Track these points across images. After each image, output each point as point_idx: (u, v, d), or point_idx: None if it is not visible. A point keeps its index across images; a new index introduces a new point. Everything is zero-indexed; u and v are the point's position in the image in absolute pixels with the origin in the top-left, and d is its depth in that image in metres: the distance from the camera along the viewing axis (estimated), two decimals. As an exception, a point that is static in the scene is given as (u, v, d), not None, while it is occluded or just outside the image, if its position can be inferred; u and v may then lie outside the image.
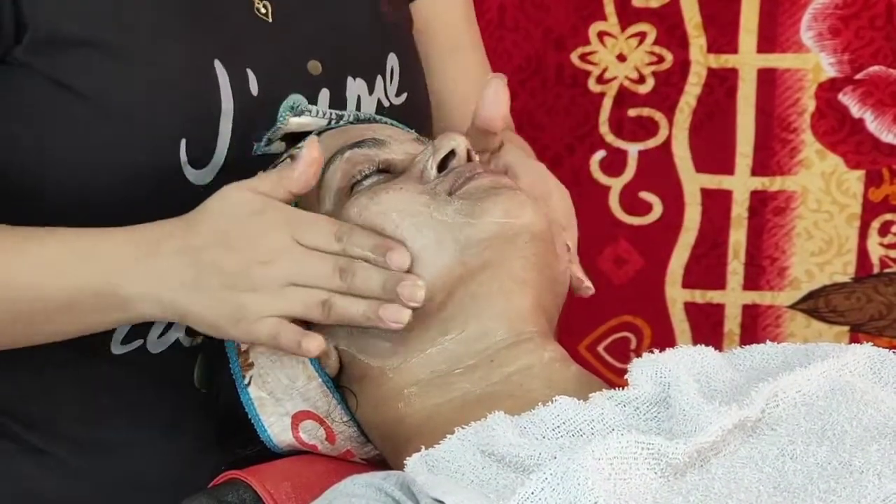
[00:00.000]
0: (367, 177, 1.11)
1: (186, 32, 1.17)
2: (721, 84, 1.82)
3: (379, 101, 1.26)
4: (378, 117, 1.20)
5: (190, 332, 1.23)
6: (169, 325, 1.23)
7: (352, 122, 1.19)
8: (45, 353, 1.23)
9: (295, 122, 1.18)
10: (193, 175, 1.16)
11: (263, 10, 1.21)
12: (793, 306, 1.87)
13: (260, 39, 1.18)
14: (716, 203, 1.85)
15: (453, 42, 1.39)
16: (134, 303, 1.08)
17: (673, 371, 0.97)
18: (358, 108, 1.24)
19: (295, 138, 1.18)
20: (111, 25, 1.14)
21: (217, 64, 1.17)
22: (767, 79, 1.82)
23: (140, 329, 1.23)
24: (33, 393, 1.25)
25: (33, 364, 1.24)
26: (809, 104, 1.82)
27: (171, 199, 1.13)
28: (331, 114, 1.18)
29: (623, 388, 0.99)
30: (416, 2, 1.38)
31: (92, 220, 1.12)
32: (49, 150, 1.14)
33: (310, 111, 1.18)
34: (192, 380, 1.22)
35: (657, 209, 1.86)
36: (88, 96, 1.14)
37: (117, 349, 1.23)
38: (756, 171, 1.84)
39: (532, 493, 0.85)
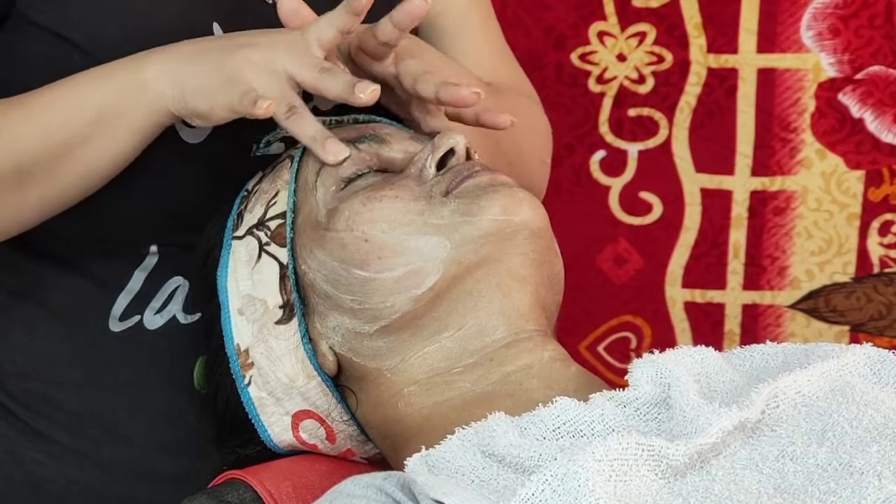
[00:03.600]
0: (363, 175, 1.11)
1: None
2: (721, 84, 1.82)
3: None
4: (377, 118, 1.20)
5: (187, 308, 1.24)
6: (167, 301, 1.24)
7: (350, 124, 1.19)
8: (43, 329, 1.24)
9: None
10: (186, 133, 1.18)
11: None
12: (793, 306, 1.87)
13: (262, 16, 1.19)
14: (716, 203, 1.85)
15: (461, 17, 1.38)
16: (151, 83, 1.10)
17: (673, 372, 0.97)
18: None
19: (293, 140, 1.18)
20: None
21: (216, 27, 1.18)
22: (767, 79, 1.82)
23: (138, 304, 1.24)
24: (33, 371, 1.26)
25: (32, 340, 1.25)
26: (809, 104, 1.82)
27: (164, 156, 1.16)
28: (330, 121, 1.18)
29: (623, 389, 0.99)
30: None
31: None
32: None
33: None
34: (189, 365, 1.23)
35: (657, 209, 1.86)
36: (86, 49, 1.16)
37: (115, 326, 1.24)
38: (756, 170, 1.84)
39: (532, 495, 0.85)
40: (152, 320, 1.25)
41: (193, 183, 1.19)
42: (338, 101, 1.09)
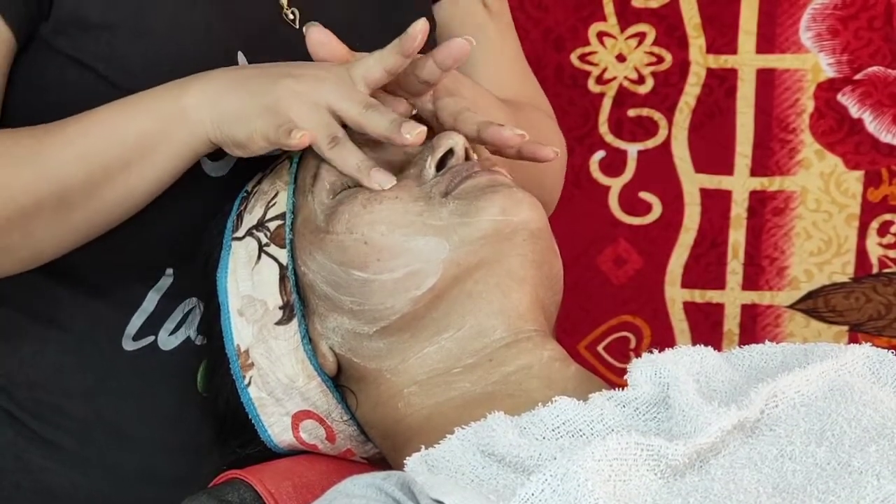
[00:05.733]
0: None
1: (209, 22, 1.18)
2: (720, 84, 1.83)
3: None
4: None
5: (201, 329, 1.24)
6: (182, 322, 1.24)
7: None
8: (55, 345, 1.24)
9: None
10: (210, 166, 1.18)
11: (291, 17, 1.21)
12: (792, 306, 1.87)
13: (285, 43, 1.19)
14: (715, 203, 1.86)
15: (479, 32, 1.36)
16: (191, 111, 1.10)
17: (672, 371, 0.97)
18: None
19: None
20: (132, 11, 1.16)
21: (240, 56, 1.18)
22: (766, 79, 1.82)
23: (153, 324, 1.24)
24: (41, 381, 1.26)
25: (43, 354, 1.25)
26: (808, 104, 1.82)
27: (185, 187, 1.15)
28: None
29: (622, 389, 0.99)
30: (441, 2, 1.37)
31: None
32: None
33: None
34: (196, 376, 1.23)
35: (657, 209, 1.87)
36: (110, 79, 1.15)
37: (129, 345, 1.24)
38: (755, 171, 1.84)
39: (532, 495, 0.85)
40: (167, 341, 1.25)
41: (212, 213, 1.18)
42: (382, 139, 1.08)
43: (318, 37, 1.13)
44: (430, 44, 1.18)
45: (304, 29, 1.14)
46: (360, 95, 1.08)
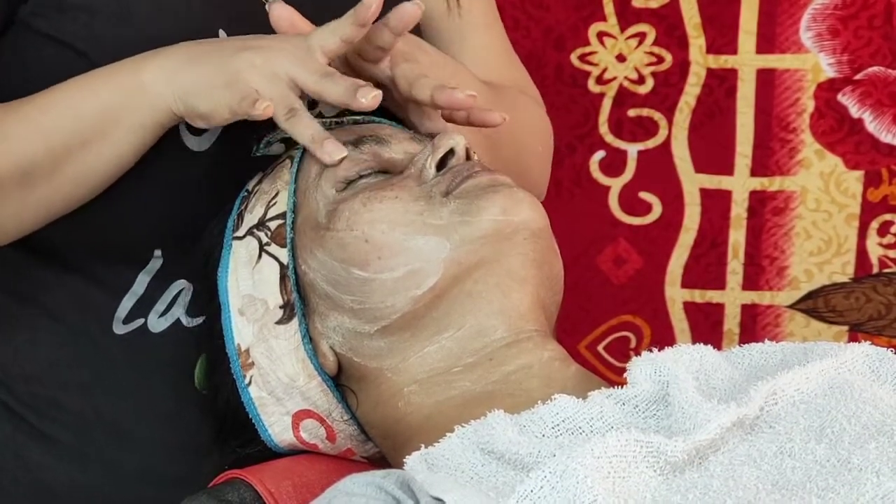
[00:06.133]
0: (363, 176, 1.11)
1: (191, 5, 1.19)
2: (720, 84, 1.83)
3: None
4: (377, 119, 1.21)
5: (190, 311, 1.24)
6: (171, 304, 1.24)
7: (350, 125, 1.19)
8: (47, 332, 1.24)
9: None
10: (191, 141, 1.18)
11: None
12: (792, 306, 1.87)
13: (266, 24, 1.19)
14: (715, 203, 1.85)
15: (464, 17, 1.38)
16: (150, 85, 1.11)
17: (672, 369, 0.98)
18: None
19: (293, 141, 1.18)
20: None
21: (221, 33, 1.18)
22: (767, 79, 1.82)
23: (142, 306, 1.24)
24: (38, 375, 1.26)
25: (36, 344, 1.25)
26: (808, 104, 1.82)
27: (168, 164, 1.16)
28: (329, 122, 1.18)
29: (622, 387, 0.99)
30: None
31: None
32: None
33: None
34: (193, 370, 1.23)
35: (657, 209, 1.87)
36: (89, 56, 1.16)
37: (119, 328, 1.24)
38: (755, 171, 1.84)
39: (531, 492, 0.85)
40: (156, 323, 1.25)
41: (198, 190, 1.19)
42: (339, 105, 1.10)
43: (281, 12, 1.15)
44: (415, 32, 1.20)
45: (266, 6, 1.15)
46: (317, 64, 1.09)
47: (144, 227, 1.20)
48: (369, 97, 1.07)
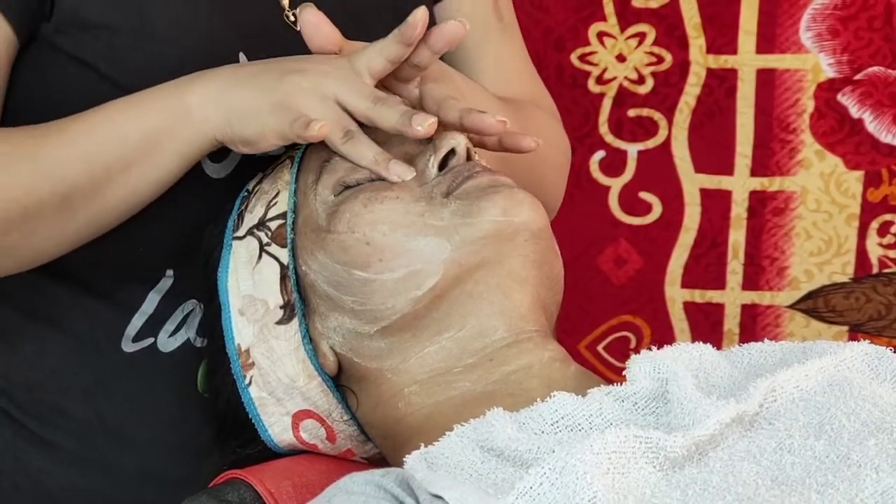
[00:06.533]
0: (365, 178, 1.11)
1: (212, 24, 1.18)
2: (720, 84, 1.83)
3: None
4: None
5: (200, 331, 1.24)
6: (181, 324, 1.24)
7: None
8: (53, 345, 1.23)
9: None
10: (211, 168, 1.17)
11: (293, 18, 1.21)
12: (792, 306, 1.87)
13: (286, 44, 1.18)
14: (715, 203, 1.86)
15: (481, 34, 1.37)
16: (195, 109, 1.09)
17: (671, 367, 0.98)
18: None
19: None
20: (134, 13, 1.16)
21: (241, 56, 1.17)
22: (767, 79, 1.82)
23: (152, 325, 1.24)
24: (41, 382, 1.26)
25: (41, 355, 1.25)
26: (808, 105, 1.82)
27: (186, 189, 1.15)
28: None
29: (621, 384, 0.99)
30: (443, 2, 1.37)
31: None
32: None
33: None
34: (196, 376, 1.23)
35: (657, 209, 1.87)
36: (112, 78, 1.15)
37: (128, 346, 1.24)
38: (755, 171, 1.84)
39: (531, 488, 0.85)
40: (166, 343, 1.24)
41: (212, 215, 1.18)
42: (393, 132, 1.07)
43: (311, 18, 1.12)
44: None
45: (297, 10, 1.14)
46: (368, 88, 1.08)
47: (158, 249, 1.20)
48: (426, 125, 1.05)
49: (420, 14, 1.06)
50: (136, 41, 1.16)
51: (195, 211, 1.18)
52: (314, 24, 1.12)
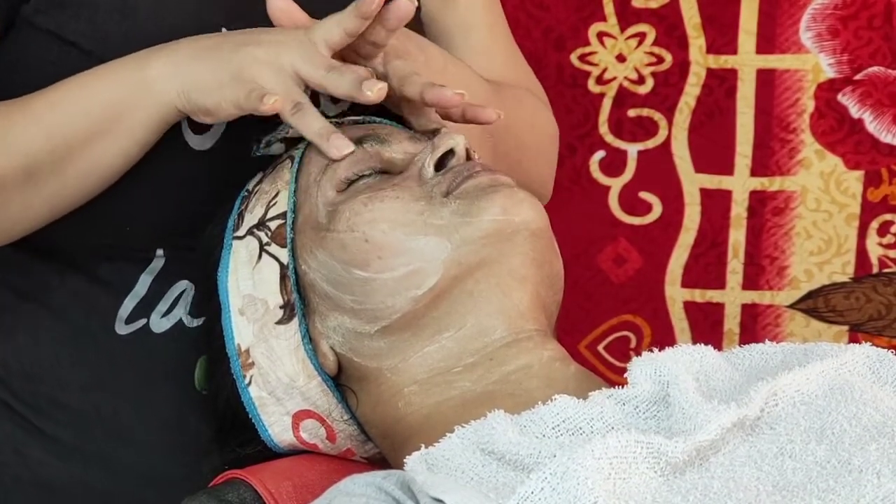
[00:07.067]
0: (363, 176, 1.11)
1: (194, 0, 1.18)
2: (720, 84, 1.83)
3: None
4: (376, 118, 1.21)
5: (192, 312, 1.24)
6: (174, 304, 1.24)
7: (349, 125, 1.19)
8: (48, 331, 1.23)
9: None
10: (194, 140, 1.18)
11: None
12: (792, 306, 1.87)
13: (268, 19, 1.18)
14: (715, 203, 1.86)
15: (468, 15, 1.37)
16: (156, 80, 1.11)
17: (672, 370, 0.98)
18: None
19: (293, 140, 1.18)
20: None
21: (224, 31, 1.18)
22: (767, 79, 1.82)
23: (145, 306, 1.24)
24: (38, 373, 1.26)
25: (37, 343, 1.25)
26: (808, 104, 1.82)
27: (170, 162, 1.16)
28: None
29: (622, 387, 0.99)
30: None
31: None
32: None
33: None
34: (194, 371, 1.23)
35: (657, 209, 1.87)
36: (92, 53, 1.15)
37: (121, 329, 1.24)
38: (755, 171, 1.84)
39: (532, 493, 0.85)
40: (158, 324, 1.25)
41: (200, 189, 1.19)
42: (345, 98, 1.10)
43: (279, 3, 1.14)
44: (416, 30, 1.20)
45: None
46: (322, 58, 1.09)
47: (146, 227, 1.20)
48: (375, 89, 1.07)
49: None
50: (118, 17, 1.17)
51: (181, 184, 1.19)
52: (282, 9, 1.14)
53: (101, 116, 1.12)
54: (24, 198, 1.13)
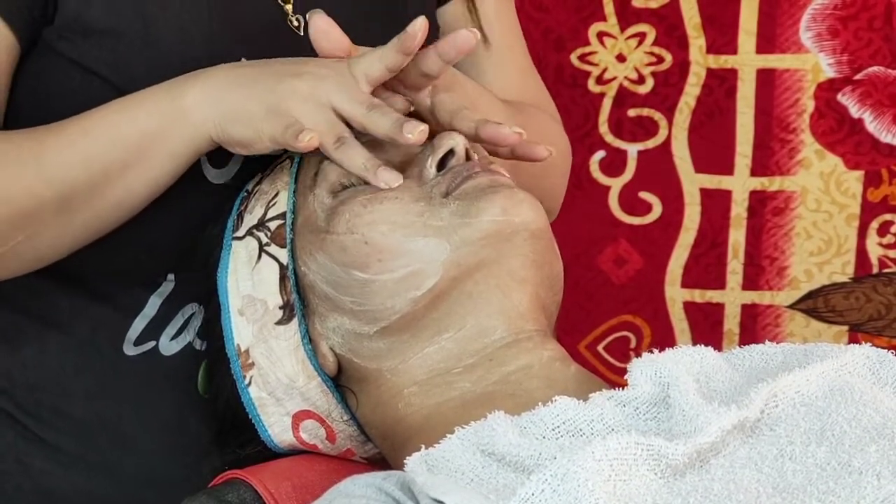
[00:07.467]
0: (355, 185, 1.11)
1: (214, 30, 1.18)
2: (720, 84, 1.83)
3: None
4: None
5: (202, 334, 1.24)
6: (183, 327, 1.24)
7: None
8: (55, 347, 1.23)
9: None
10: (212, 173, 1.17)
11: (296, 24, 1.21)
12: (792, 306, 1.88)
13: (288, 49, 1.17)
14: (715, 203, 1.86)
15: (486, 33, 1.35)
16: (192, 109, 1.09)
17: (672, 371, 0.97)
18: None
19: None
20: (138, 19, 1.15)
21: (244, 62, 1.17)
22: (766, 79, 1.82)
23: (154, 329, 1.24)
24: (42, 383, 1.26)
25: (43, 357, 1.25)
26: (808, 104, 1.82)
27: (186, 194, 1.15)
28: None
29: (623, 388, 0.99)
30: (445, 6, 1.36)
31: None
32: None
33: None
34: (197, 378, 1.23)
35: (657, 209, 1.87)
36: (114, 83, 1.15)
37: (130, 350, 1.24)
38: (755, 171, 1.85)
39: (532, 495, 0.85)
40: (168, 346, 1.24)
41: (214, 219, 1.18)
42: (385, 139, 1.08)
43: (321, 25, 1.12)
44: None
45: (307, 16, 1.13)
46: (363, 95, 1.08)
47: (159, 254, 1.20)
48: (416, 132, 1.05)
49: (419, 23, 1.06)
50: (139, 47, 1.15)
51: (196, 216, 1.18)
52: (323, 31, 1.12)
53: (137, 146, 1.10)
54: (58, 225, 1.12)
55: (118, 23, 1.15)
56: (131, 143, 1.10)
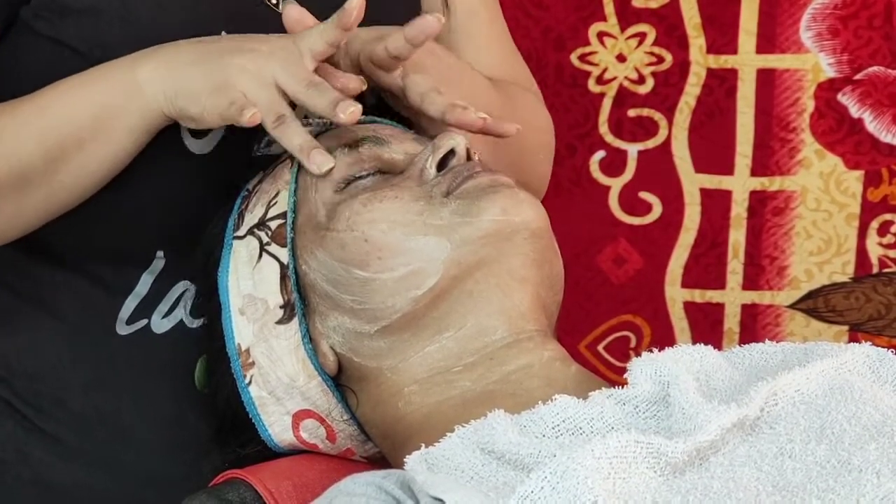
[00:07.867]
0: (363, 176, 1.12)
1: (194, 6, 1.19)
2: (720, 84, 1.82)
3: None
4: (378, 119, 1.21)
5: (193, 312, 1.24)
6: (175, 305, 1.24)
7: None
8: (49, 332, 1.24)
9: None
10: (193, 144, 1.18)
11: (274, 1, 1.22)
12: (792, 306, 1.87)
13: (268, 24, 1.19)
14: (715, 203, 1.85)
15: (469, 13, 1.38)
16: (145, 84, 1.10)
17: (672, 370, 0.98)
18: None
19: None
20: None
21: (224, 35, 1.18)
22: (767, 79, 1.82)
23: (146, 307, 1.24)
24: (40, 373, 1.26)
25: (38, 343, 1.25)
26: (808, 104, 1.82)
27: (169, 166, 1.16)
28: (329, 122, 1.18)
29: (622, 387, 0.99)
30: None
31: None
32: None
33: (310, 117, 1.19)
34: (194, 371, 1.23)
35: (657, 209, 1.86)
36: (90, 57, 1.15)
37: (122, 329, 1.24)
38: (755, 171, 1.84)
39: (532, 492, 0.85)
40: (160, 324, 1.25)
41: (200, 192, 1.19)
42: (321, 116, 1.10)
43: (294, 14, 1.14)
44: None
45: (280, 6, 1.15)
46: (305, 72, 1.09)
47: (146, 229, 1.21)
48: (347, 112, 1.07)
49: (355, 2, 1.08)
50: (118, 24, 1.16)
51: (180, 188, 1.19)
52: (296, 20, 1.14)
53: (91, 121, 1.12)
54: (16, 202, 1.13)
55: (97, 1, 1.15)
56: (85, 119, 1.12)
